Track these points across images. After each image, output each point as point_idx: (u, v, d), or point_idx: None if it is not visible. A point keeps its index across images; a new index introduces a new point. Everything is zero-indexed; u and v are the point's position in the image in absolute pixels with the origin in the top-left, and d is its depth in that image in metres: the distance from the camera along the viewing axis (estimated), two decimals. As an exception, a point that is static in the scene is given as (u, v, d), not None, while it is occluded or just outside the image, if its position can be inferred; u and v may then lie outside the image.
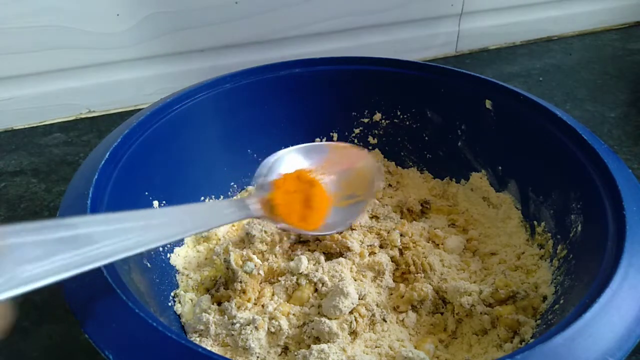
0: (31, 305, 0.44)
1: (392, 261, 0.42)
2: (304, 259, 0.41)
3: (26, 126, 0.70)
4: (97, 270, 0.28)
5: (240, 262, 0.41)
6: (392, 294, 0.40)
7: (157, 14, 0.68)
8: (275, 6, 0.73)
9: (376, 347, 0.36)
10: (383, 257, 0.42)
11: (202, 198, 0.49)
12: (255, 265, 0.40)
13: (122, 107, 0.74)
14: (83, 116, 0.72)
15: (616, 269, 0.28)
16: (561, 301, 0.34)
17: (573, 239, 0.37)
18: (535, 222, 0.43)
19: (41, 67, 0.67)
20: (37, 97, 0.69)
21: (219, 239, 0.46)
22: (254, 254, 0.42)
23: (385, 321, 0.38)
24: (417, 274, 0.41)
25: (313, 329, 0.36)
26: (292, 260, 0.41)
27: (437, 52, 0.88)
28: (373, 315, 0.38)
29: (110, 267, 0.29)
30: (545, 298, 0.37)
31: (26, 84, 0.67)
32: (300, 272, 0.40)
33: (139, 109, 0.50)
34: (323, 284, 0.39)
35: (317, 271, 0.40)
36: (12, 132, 0.69)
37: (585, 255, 0.35)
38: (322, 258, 0.42)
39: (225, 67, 0.57)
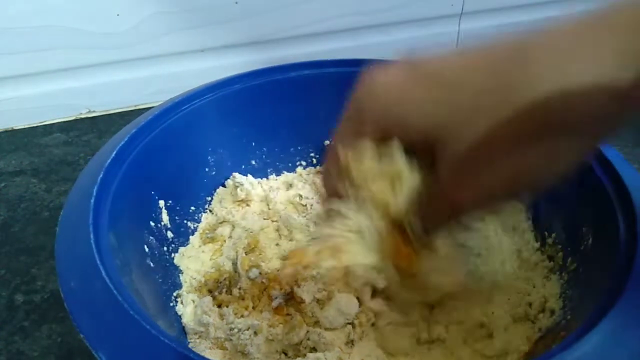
0: (31, 305, 0.43)
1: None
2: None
3: (26, 126, 0.70)
4: (97, 271, 0.28)
5: (247, 267, 0.41)
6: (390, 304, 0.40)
7: (157, 14, 0.68)
8: (275, 6, 0.73)
9: (375, 356, 0.35)
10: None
11: (209, 199, 0.49)
12: (260, 273, 0.40)
13: (122, 107, 0.73)
14: (83, 116, 0.72)
15: (624, 286, 0.27)
16: (568, 317, 0.33)
17: (584, 252, 0.36)
18: (546, 233, 0.41)
19: (41, 67, 0.67)
20: (37, 97, 0.69)
21: (224, 240, 0.45)
22: (262, 261, 0.42)
23: (384, 331, 0.37)
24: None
25: (309, 339, 0.36)
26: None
27: (437, 52, 0.88)
28: (372, 325, 0.37)
29: (110, 267, 0.29)
30: (552, 312, 0.36)
31: (26, 84, 0.67)
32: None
33: (139, 109, 0.50)
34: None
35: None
36: (12, 132, 0.69)
37: (594, 270, 0.34)
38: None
39: (226, 67, 0.57)
